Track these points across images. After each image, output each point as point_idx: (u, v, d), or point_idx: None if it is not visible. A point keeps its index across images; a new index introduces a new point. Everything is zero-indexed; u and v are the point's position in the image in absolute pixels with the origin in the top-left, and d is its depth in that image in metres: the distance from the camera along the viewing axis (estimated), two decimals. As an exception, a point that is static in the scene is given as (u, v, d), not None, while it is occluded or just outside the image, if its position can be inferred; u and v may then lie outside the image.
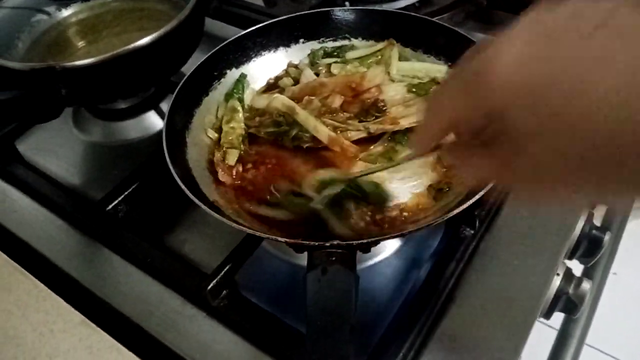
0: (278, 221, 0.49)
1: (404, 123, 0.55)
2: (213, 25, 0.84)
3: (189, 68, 0.60)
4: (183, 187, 0.45)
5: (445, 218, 0.41)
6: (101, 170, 0.68)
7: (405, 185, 0.52)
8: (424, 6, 0.79)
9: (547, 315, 0.53)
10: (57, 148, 0.71)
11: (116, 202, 0.56)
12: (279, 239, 0.42)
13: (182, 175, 0.47)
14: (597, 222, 0.60)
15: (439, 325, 0.46)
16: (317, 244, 0.40)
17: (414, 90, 0.59)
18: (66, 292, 0.50)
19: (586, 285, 0.53)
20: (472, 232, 0.51)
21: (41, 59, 0.70)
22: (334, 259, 0.39)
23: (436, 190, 0.50)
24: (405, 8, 0.78)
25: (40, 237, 0.57)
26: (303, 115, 0.56)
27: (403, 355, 0.43)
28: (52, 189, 0.61)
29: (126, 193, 0.57)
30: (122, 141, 0.71)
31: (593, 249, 0.58)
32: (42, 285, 0.51)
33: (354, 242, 0.41)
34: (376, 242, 0.42)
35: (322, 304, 0.37)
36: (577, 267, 0.58)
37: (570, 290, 0.52)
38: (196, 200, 0.44)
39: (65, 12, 0.76)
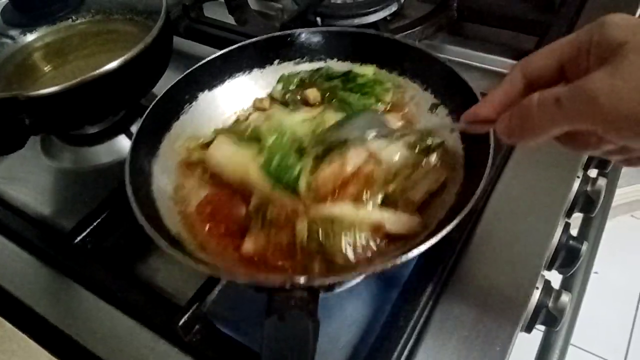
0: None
1: (418, 197, 0.50)
2: (184, 44, 0.83)
3: (159, 89, 0.59)
4: (142, 221, 0.43)
5: (410, 257, 0.39)
6: (71, 197, 0.66)
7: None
8: (396, 20, 0.80)
9: (528, 329, 0.53)
10: (24, 175, 0.69)
11: (85, 233, 0.55)
12: (238, 280, 0.40)
13: (144, 208, 0.45)
14: (574, 232, 0.60)
15: (420, 344, 0.45)
16: (276, 285, 0.38)
17: (415, 146, 0.54)
18: (34, 331, 0.49)
19: (565, 297, 0.53)
20: (450, 250, 0.50)
21: (6, 85, 0.68)
22: (293, 303, 0.37)
23: None
24: (377, 22, 0.78)
25: (6, 273, 0.55)
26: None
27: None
28: (18, 220, 0.59)
29: (95, 224, 0.55)
30: (92, 166, 0.69)
31: (571, 259, 0.58)
32: (8, 324, 0.49)
33: (315, 283, 0.39)
34: (340, 283, 0.40)
35: (278, 353, 0.35)
36: (555, 277, 0.58)
37: (550, 304, 0.52)
38: (155, 237, 0.42)
39: (31, 37, 0.74)
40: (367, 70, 0.63)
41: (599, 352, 1.44)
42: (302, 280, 0.38)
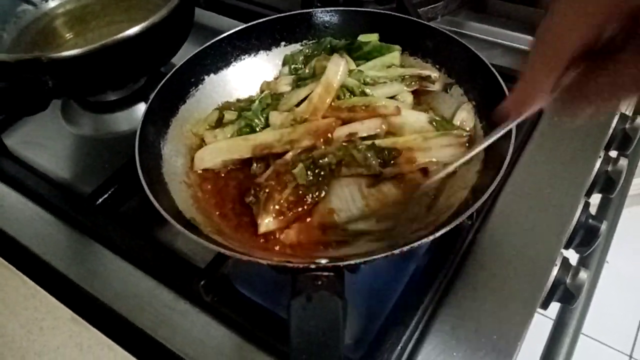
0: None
1: (421, 160, 0.51)
2: (204, 15, 0.83)
3: (179, 59, 0.59)
4: (158, 207, 0.42)
5: (439, 233, 0.39)
6: (91, 164, 0.66)
7: None
8: (420, -7, 0.78)
9: (545, 305, 0.53)
10: (45, 141, 0.69)
11: (106, 196, 0.55)
12: (260, 260, 0.39)
13: (158, 193, 0.45)
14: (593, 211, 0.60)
15: (438, 315, 0.46)
16: (301, 266, 0.37)
17: (434, 123, 0.54)
18: (55, 289, 0.49)
19: (583, 274, 0.53)
20: (470, 222, 0.50)
21: (27, 51, 0.68)
22: (319, 283, 0.36)
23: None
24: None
25: (29, 233, 0.56)
26: None
27: (402, 346, 0.42)
28: (41, 183, 0.60)
29: (116, 187, 0.56)
30: (112, 134, 0.70)
31: (590, 238, 0.58)
32: (30, 281, 0.50)
33: (340, 263, 0.38)
34: (365, 262, 0.39)
35: (307, 334, 0.34)
36: (572, 257, 0.58)
37: (568, 280, 0.51)
38: (173, 222, 0.41)
39: (52, 3, 0.74)
40: (372, 37, 0.62)
41: (607, 341, 1.44)
42: (328, 261, 0.37)
